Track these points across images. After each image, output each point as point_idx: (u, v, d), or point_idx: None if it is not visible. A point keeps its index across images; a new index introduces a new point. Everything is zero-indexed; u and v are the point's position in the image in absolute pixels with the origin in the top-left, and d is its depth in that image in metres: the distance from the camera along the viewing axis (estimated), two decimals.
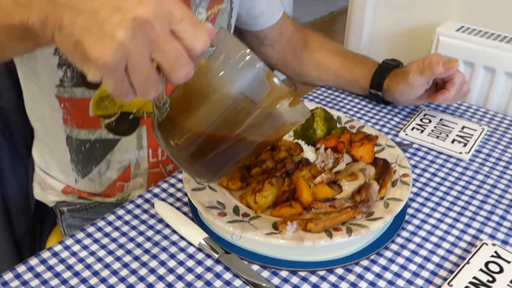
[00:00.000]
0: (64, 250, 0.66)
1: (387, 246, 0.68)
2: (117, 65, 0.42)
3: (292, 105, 0.55)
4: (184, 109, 0.54)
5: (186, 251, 0.66)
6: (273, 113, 0.55)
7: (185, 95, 0.54)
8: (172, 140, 0.54)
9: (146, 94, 0.46)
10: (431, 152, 0.88)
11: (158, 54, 0.44)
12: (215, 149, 0.55)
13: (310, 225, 0.62)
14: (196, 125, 0.54)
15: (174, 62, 0.45)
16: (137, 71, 0.44)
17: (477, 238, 0.70)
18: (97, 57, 0.42)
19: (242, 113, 0.53)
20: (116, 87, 0.44)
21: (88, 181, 0.89)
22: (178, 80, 0.46)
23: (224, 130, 0.54)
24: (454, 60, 0.86)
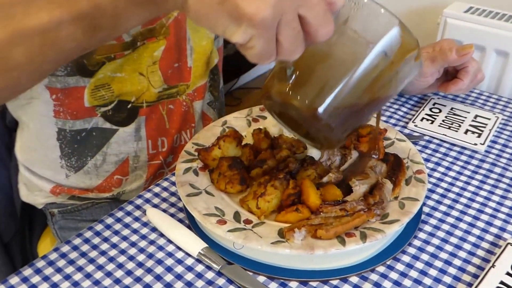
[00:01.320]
0: (60, 258, 0.61)
1: (404, 250, 0.62)
2: (274, 21, 0.40)
3: (417, 59, 0.53)
4: (312, 72, 0.52)
5: (184, 263, 0.60)
6: (403, 67, 0.53)
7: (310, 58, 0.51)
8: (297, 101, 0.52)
9: (293, 53, 0.44)
10: (444, 144, 0.82)
11: (306, 9, 0.42)
12: (345, 107, 0.53)
13: (320, 231, 0.56)
14: (327, 87, 0.51)
15: (321, 17, 0.43)
16: (289, 27, 0.41)
17: (500, 237, 0.64)
18: (254, 13, 0.39)
19: (375, 70, 0.51)
20: (265, 47, 0.42)
21: (82, 175, 0.84)
22: (324, 37, 0.44)
23: (356, 89, 0.52)
24: (468, 46, 0.80)
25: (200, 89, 0.88)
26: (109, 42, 0.51)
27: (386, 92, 0.55)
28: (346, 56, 0.51)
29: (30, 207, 0.92)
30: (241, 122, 0.79)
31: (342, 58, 0.51)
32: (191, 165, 0.70)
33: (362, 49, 0.50)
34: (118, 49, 0.74)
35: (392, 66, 0.52)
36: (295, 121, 0.55)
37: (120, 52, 0.74)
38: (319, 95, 0.51)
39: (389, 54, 0.51)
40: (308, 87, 0.51)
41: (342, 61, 0.51)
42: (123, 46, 0.74)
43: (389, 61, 0.51)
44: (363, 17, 0.50)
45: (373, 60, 0.50)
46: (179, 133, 0.88)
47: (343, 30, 0.50)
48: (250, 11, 0.39)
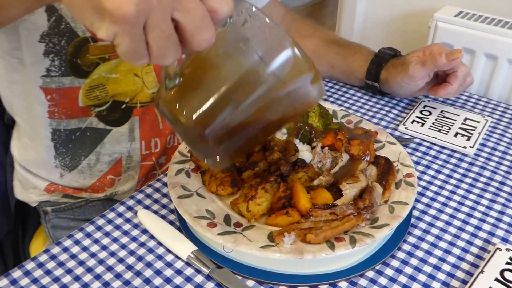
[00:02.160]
0: (50, 260, 0.61)
1: (393, 255, 0.62)
2: (137, 19, 0.37)
3: (313, 82, 0.50)
4: (199, 82, 0.48)
5: (174, 266, 0.60)
6: (295, 89, 0.50)
7: (197, 68, 0.49)
8: (181, 116, 0.48)
9: (164, 58, 0.41)
10: (434, 146, 0.82)
11: (181, 13, 0.39)
12: (229, 126, 0.50)
13: (309, 236, 0.56)
14: (210, 100, 0.48)
15: (198, 24, 0.40)
16: (157, 28, 0.38)
17: (489, 242, 0.65)
18: (115, 9, 0.36)
19: (262, 87, 0.48)
20: (131, 46, 0.39)
21: (76, 174, 0.84)
22: (200, 44, 0.41)
23: (241, 106, 0.49)
24: (457, 51, 0.80)
25: None
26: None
27: (277, 114, 0.52)
28: (233, 70, 0.48)
29: (24, 206, 0.92)
30: None
31: (229, 73, 0.48)
32: (183, 166, 0.70)
33: (250, 65, 0.47)
34: (112, 49, 0.74)
35: (282, 86, 0.49)
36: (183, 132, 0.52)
37: (114, 53, 0.74)
38: (197, 108, 0.48)
39: (279, 74, 0.48)
40: (191, 100, 0.48)
41: (228, 76, 0.48)
42: None
43: (279, 80, 0.48)
44: (257, 33, 0.47)
45: (261, 78, 0.48)
46: (173, 134, 0.88)
47: (233, 42, 0.47)
48: (112, 7, 0.36)
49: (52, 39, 0.70)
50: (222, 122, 0.49)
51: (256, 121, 0.51)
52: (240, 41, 0.47)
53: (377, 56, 0.92)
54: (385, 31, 1.30)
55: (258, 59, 0.47)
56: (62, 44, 0.70)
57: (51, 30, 0.69)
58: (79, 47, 0.71)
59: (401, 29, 1.26)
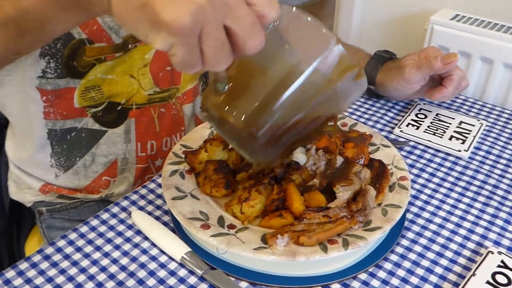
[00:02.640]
0: (44, 260, 0.61)
1: (386, 257, 0.62)
2: (194, 30, 0.38)
3: (357, 78, 0.52)
4: (247, 85, 0.50)
5: (167, 267, 0.60)
6: (341, 86, 0.52)
7: (245, 70, 0.50)
8: (233, 118, 0.49)
9: (218, 65, 0.42)
10: (428, 150, 0.83)
11: (232, 20, 0.40)
12: (279, 127, 0.51)
13: (302, 238, 0.57)
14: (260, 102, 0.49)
15: (250, 30, 0.41)
16: (212, 37, 0.40)
17: (481, 245, 0.65)
18: (172, 20, 0.37)
19: (310, 87, 0.50)
20: (187, 56, 0.40)
21: (71, 175, 0.84)
22: (251, 49, 0.42)
23: (290, 106, 0.50)
24: (452, 54, 0.81)
25: (190, 93, 0.88)
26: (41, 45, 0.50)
27: (324, 111, 0.53)
28: (281, 71, 0.49)
29: (18, 205, 0.92)
30: None
31: (277, 74, 0.49)
32: (178, 167, 0.70)
33: (298, 66, 0.48)
34: (108, 51, 0.74)
35: (329, 85, 0.50)
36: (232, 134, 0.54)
37: (111, 54, 0.74)
38: (251, 112, 0.49)
39: (326, 72, 0.49)
40: (241, 102, 0.49)
41: (277, 77, 0.49)
42: (114, 48, 0.74)
43: (326, 79, 0.50)
44: (300, 33, 0.49)
45: (309, 78, 0.49)
46: (169, 136, 0.88)
47: (278, 44, 0.48)
48: (169, 19, 0.37)
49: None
50: (272, 123, 0.50)
51: (304, 120, 0.52)
52: (285, 42, 0.48)
53: (372, 59, 0.92)
54: (382, 33, 1.30)
55: (304, 59, 0.48)
56: (58, 47, 0.70)
57: None
58: (75, 50, 0.71)
59: (398, 31, 1.26)
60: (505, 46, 0.97)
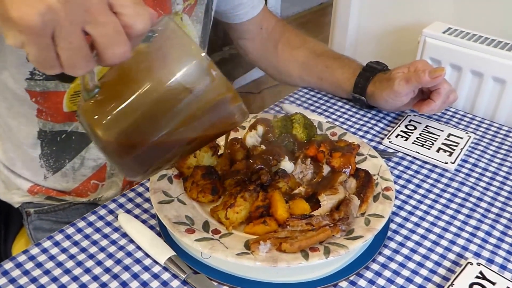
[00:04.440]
0: (28, 261, 0.62)
1: (368, 266, 0.63)
2: (42, 29, 0.38)
3: (232, 103, 0.51)
4: (116, 95, 0.49)
5: (151, 271, 0.61)
6: (212, 108, 0.51)
7: (118, 80, 0.49)
8: (99, 128, 0.49)
9: (74, 69, 0.41)
10: (416, 161, 0.84)
11: (92, 26, 0.40)
12: (147, 142, 0.50)
13: (284, 245, 0.57)
14: (128, 114, 0.48)
15: (110, 38, 0.40)
16: (65, 40, 0.39)
17: (461, 256, 0.66)
18: (19, 18, 0.37)
19: (179, 105, 0.49)
20: (39, 56, 0.40)
21: (60, 177, 0.84)
22: (112, 59, 0.41)
23: (159, 122, 0.50)
24: (440, 69, 0.82)
25: None
26: None
27: (195, 131, 0.52)
28: (149, 84, 0.48)
29: (6, 207, 0.92)
30: None
31: (145, 86, 0.47)
32: (166, 172, 0.71)
33: (166, 80, 0.47)
34: None
35: (197, 104, 0.49)
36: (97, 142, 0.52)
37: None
38: (113, 122, 0.48)
39: (194, 91, 0.48)
40: (105, 111, 0.48)
41: (144, 89, 0.47)
42: None
43: (194, 98, 0.49)
44: (174, 47, 0.48)
45: (177, 94, 0.48)
46: None
47: (151, 56, 0.48)
48: (16, 16, 0.37)
49: None
50: (136, 136, 0.49)
51: (174, 137, 0.51)
52: (159, 57, 0.48)
53: (364, 70, 0.94)
54: (377, 45, 1.32)
55: (175, 76, 0.47)
56: None
57: None
58: None
59: (391, 43, 1.28)
60: (495, 60, 0.98)
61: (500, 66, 0.98)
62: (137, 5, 0.41)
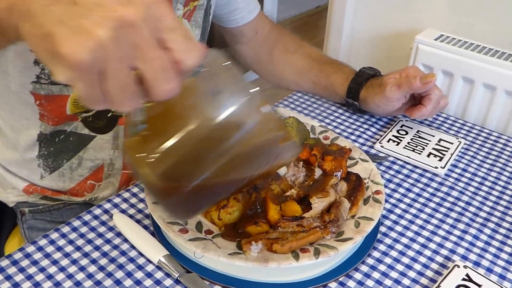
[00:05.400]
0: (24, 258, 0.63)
1: (357, 268, 0.65)
2: (91, 66, 0.37)
3: (283, 141, 0.50)
4: (161, 132, 0.46)
5: (144, 269, 0.62)
6: (263, 146, 0.49)
7: (163, 116, 0.47)
8: (141, 167, 0.46)
9: (121, 106, 0.40)
10: (407, 165, 0.85)
11: (141, 62, 0.39)
12: (193, 181, 0.47)
13: (275, 245, 0.59)
14: (173, 153, 0.46)
15: (159, 74, 0.39)
16: (113, 77, 0.39)
17: (449, 259, 0.67)
18: (69, 54, 0.36)
19: (228, 143, 0.46)
20: (87, 92, 0.39)
21: (57, 177, 0.85)
22: (160, 95, 0.40)
23: (207, 161, 0.47)
24: (430, 75, 0.83)
25: None
26: None
27: (244, 171, 0.50)
28: (198, 121, 0.45)
29: (0, 206, 0.92)
30: None
31: (194, 123, 0.45)
32: None
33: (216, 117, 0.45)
34: None
35: (249, 143, 0.47)
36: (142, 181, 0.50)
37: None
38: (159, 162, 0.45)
39: (246, 130, 0.46)
40: (150, 149, 0.46)
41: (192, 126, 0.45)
42: None
43: (246, 137, 0.46)
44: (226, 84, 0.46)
45: (228, 133, 0.46)
46: None
47: (200, 92, 0.46)
48: (66, 52, 0.36)
49: None
50: (182, 177, 0.47)
51: (223, 177, 0.49)
52: (209, 93, 0.46)
53: (357, 75, 0.95)
54: (370, 50, 1.34)
55: (224, 114, 0.45)
56: None
57: None
58: None
59: (385, 49, 1.30)
60: (486, 67, 1.00)
61: (490, 73, 1.00)
62: (188, 40, 0.41)
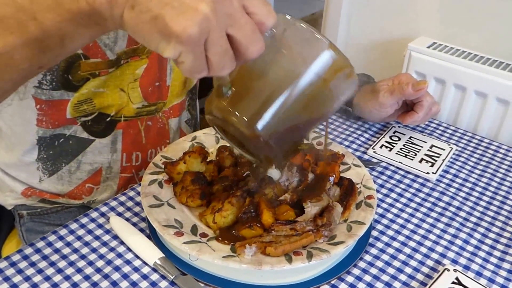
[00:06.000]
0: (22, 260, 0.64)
1: (349, 271, 0.66)
2: (201, 38, 0.42)
3: (349, 77, 0.56)
4: (249, 89, 0.53)
5: (140, 271, 0.64)
6: (335, 84, 0.55)
7: (247, 75, 0.53)
8: (238, 121, 0.53)
9: (222, 70, 0.46)
10: (399, 171, 0.87)
11: (235, 28, 0.44)
12: (283, 126, 0.55)
13: (269, 249, 0.60)
14: (264, 104, 0.53)
15: (250, 37, 0.45)
16: (217, 44, 0.44)
17: (439, 263, 0.69)
18: (181, 30, 0.41)
19: (308, 87, 0.53)
20: (194, 62, 0.44)
21: (55, 180, 0.86)
22: (252, 55, 0.46)
23: (292, 106, 0.54)
24: (422, 82, 0.85)
25: (176, 107, 0.92)
26: (62, 59, 0.55)
27: (322, 110, 0.57)
28: (281, 74, 0.53)
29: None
30: (210, 138, 0.83)
31: (277, 77, 0.53)
32: (157, 177, 0.73)
33: (295, 68, 0.52)
34: (102, 66, 0.77)
35: (324, 84, 0.54)
36: (236, 136, 0.57)
37: (104, 70, 0.77)
38: (255, 112, 0.53)
39: (320, 73, 0.53)
40: (244, 104, 0.53)
41: (277, 80, 0.53)
42: (108, 64, 0.77)
43: (321, 79, 0.54)
44: (296, 38, 0.53)
45: (305, 79, 0.53)
46: (154, 148, 0.91)
47: (276, 49, 0.52)
48: (178, 29, 0.41)
49: None
50: (273, 122, 0.53)
51: (304, 117, 0.56)
52: (282, 48, 0.52)
53: None
54: (365, 57, 1.35)
55: (301, 62, 0.52)
56: None
57: None
58: (71, 63, 0.74)
59: (379, 56, 1.32)
60: (478, 75, 1.02)
61: (482, 80, 1.02)
62: (266, 4, 0.46)
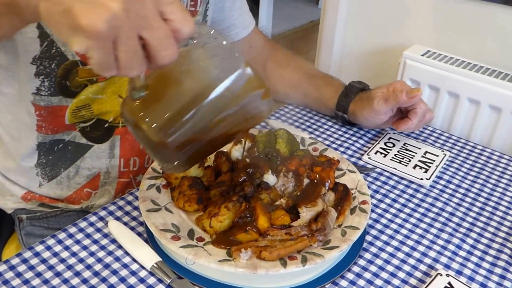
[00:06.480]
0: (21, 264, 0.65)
1: (343, 275, 0.67)
2: (107, 35, 0.42)
3: (264, 98, 0.57)
4: (161, 94, 0.54)
5: (138, 275, 0.64)
6: (247, 102, 0.56)
7: (162, 81, 0.54)
8: (145, 124, 0.54)
9: (130, 70, 0.46)
10: (393, 177, 0.88)
11: (147, 31, 0.45)
12: (188, 135, 0.56)
13: (264, 253, 0.61)
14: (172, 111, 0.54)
15: (162, 42, 0.45)
16: (125, 44, 0.44)
17: (432, 267, 0.70)
18: (88, 25, 0.42)
19: (219, 101, 0.54)
20: (101, 59, 0.44)
21: (54, 185, 0.87)
22: (163, 61, 0.46)
23: (199, 117, 0.55)
24: (416, 89, 0.87)
25: None
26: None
27: (231, 125, 0.58)
28: (194, 86, 0.54)
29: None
30: None
31: (190, 87, 0.54)
32: (155, 182, 0.74)
33: (209, 82, 0.53)
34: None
35: (236, 100, 0.55)
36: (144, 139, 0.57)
37: (102, 76, 0.78)
38: (162, 120, 0.54)
39: (234, 90, 0.54)
40: (154, 110, 0.54)
41: (189, 90, 0.54)
42: None
43: (234, 96, 0.55)
44: (215, 53, 0.54)
45: (218, 94, 0.54)
46: None
47: (194, 60, 0.54)
48: (85, 23, 0.42)
49: (43, 62, 0.74)
50: (181, 130, 0.54)
51: (212, 131, 0.57)
52: (200, 59, 0.54)
53: (346, 89, 0.98)
54: (360, 64, 1.37)
55: (215, 76, 0.53)
56: (52, 67, 0.74)
57: (42, 54, 0.73)
58: (69, 70, 0.75)
59: (374, 63, 1.33)
60: (471, 83, 1.03)
61: (475, 88, 1.03)
62: (184, 12, 0.46)
